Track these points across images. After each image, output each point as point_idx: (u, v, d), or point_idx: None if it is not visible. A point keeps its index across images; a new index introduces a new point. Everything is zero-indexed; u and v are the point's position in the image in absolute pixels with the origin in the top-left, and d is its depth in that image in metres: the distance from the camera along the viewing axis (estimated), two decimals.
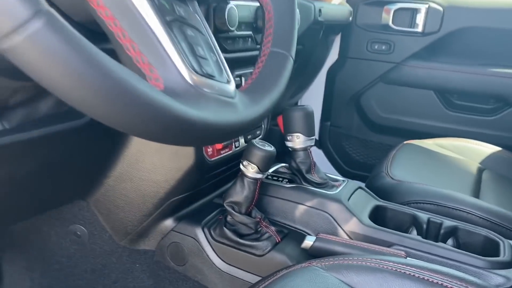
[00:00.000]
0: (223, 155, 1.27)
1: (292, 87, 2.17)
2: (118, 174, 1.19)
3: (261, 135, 1.51)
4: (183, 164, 1.17)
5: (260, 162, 1.14)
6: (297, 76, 2.10)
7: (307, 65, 2.17)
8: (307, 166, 1.32)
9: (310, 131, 1.31)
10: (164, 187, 1.19)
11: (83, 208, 1.28)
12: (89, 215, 1.28)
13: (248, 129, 0.63)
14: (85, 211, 1.28)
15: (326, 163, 2.55)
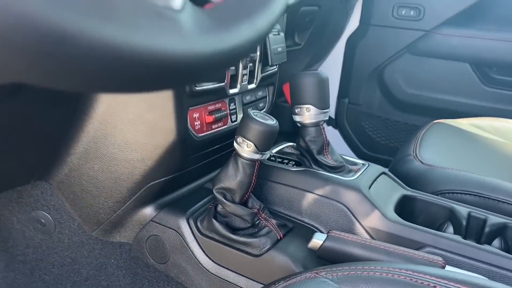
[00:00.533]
0: (215, 130, 1.04)
1: (306, 57, 1.91)
2: (82, 151, 0.96)
3: (265, 109, 1.26)
4: (162, 140, 0.93)
5: (258, 139, 0.90)
6: (312, 45, 1.84)
7: (323, 32, 1.90)
8: (319, 145, 1.07)
9: (324, 103, 1.06)
10: (139, 168, 0.96)
11: (46, 191, 1.06)
12: (54, 199, 1.06)
13: (205, 69, 0.39)
14: (48, 195, 1.06)
15: (343, 144, 2.30)
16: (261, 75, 1.17)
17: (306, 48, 1.82)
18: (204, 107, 1.01)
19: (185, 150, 0.99)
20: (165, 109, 0.91)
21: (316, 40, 1.88)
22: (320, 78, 1.05)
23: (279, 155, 1.14)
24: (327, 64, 2.24)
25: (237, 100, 1.12)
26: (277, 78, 1.31)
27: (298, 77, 1.05)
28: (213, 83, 0.99)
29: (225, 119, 1.07)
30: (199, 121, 1.00)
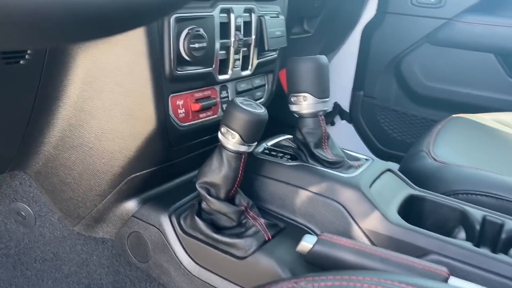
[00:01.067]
0: (203, 120, 0.95)
1: (316, 46, 1.80)
2: (57, 140, 0.89)
3: (262, 99, 1.17)
4: (141, 129, 0.86)
5: (244, 129, 0.81)
6: (323, 33, 1.73)
7: (336, 20, 1.79)
8: (317, 138, 0.97)
9: (323, 91, 0.96)
10: (118, 159, 0.89)
11: (24, 181, 1.00)
12: (32, 191, 1.00)
13: None
14: (27, 186, 1.00)
15: (357, 140, 2.19)
16: (257, 61, 1.08)
17: (317, 37, 1.72)
18: (190, 94, 0.93)
19: (167, 141, 0.91)
20: (143, 95, 0.83)
21: (327, 28, 1.77)
22: (319, 63, 0.96)
23: (274, 147, 1.04)
24: (341, 55, 2.12)
25: (229, 88, 1.03)
26: (278, 65, 1.22)
27: (294, 62, 0.96)
28: (198, 67, 0.90)
29: (214, 107, 0.99)
30: (184, 109, 0.91)
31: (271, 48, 1.06)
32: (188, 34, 0.84)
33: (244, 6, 0.99)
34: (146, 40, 0.79)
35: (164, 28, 0.81)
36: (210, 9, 0.90)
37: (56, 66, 0.80)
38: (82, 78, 0.83)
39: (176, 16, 0.82)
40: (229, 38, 0.97)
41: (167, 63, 0.83)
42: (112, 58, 0.81)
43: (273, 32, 1.06)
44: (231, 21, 0.96)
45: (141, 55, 0.80)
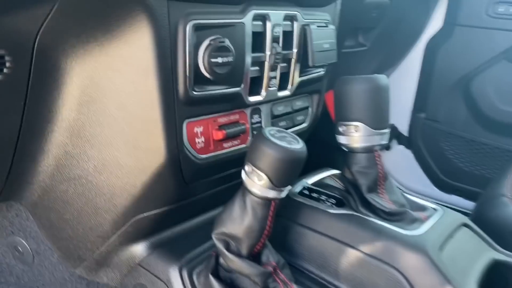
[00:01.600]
0: (227, 150, 0.77)
1: (372, 61, 1.59)
2: (53, 169, 0.75)
3: (304, 124, 0.97)
4: (148, 162, 0.69)
5: (273, 169, 0.62)
6: (381, 47, 1.52)
7: (396, 32, 1.57)
8: (371, 179, 0.77)
9: (380, 120, 0.76)
10: (122, 196, 0.73)
11: (21, 214, 0.86)
12: (29, 225, 0.86)
13: None
14: (24, 219, 0.86)
15: (416, 168, 1.93)
16: (298, 79, 0.88)
17: (373, 51, 1.50)
18: (213, 119, 0.75)
19: (181, 176, 0.73)
20: (150, 121, 0.66)
21: (386, 41, 1.55)
22: (377, 84, 0.75)
23: (316, 187, 0.84)
24: (400, 72, 1.88)
25: (263, 111, 0.85)
26: (325, 84, 1.02)
27: (345, 82, 0.76)
28: (223, 87, 0.72)
29: (243, 135, 0.80)
30: (203, 138, 0.74)
31: (317, 64, 0.86)
32: (209, 46, 0.66)
33: (285, 12, 0.80)
34: (154, 52, 0.62)
35: (178, 37, 0.64)
36: (240, 15, 0.72)
37: (46, 82, 0.65)
38: (77, 98, 0.67)
39: (194, 22, 0.65)
40: (264, 52, 0.78)
41: (181, 81, 0.66)
42: (113, 75, 0.65)
43: (320, 45, 0.86)
44: (267, 30, 0.78)
45: (148, 72, 0.63)
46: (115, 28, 0.61)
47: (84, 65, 0.65)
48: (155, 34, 0.62)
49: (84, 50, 0.63)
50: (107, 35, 0.62)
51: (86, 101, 0.67)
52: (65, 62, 0.64)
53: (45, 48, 0.61)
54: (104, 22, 0.60)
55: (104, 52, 0.63)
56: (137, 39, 0.62)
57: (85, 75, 0.65)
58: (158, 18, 0.61)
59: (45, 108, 0.68)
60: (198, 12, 0.66)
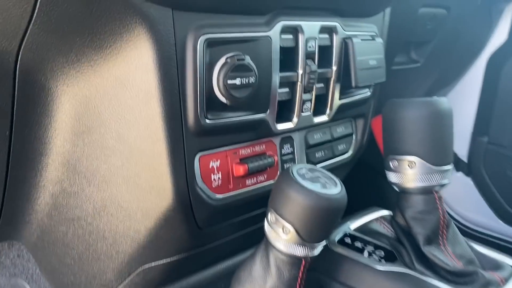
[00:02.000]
0: (250, 188, 0.64)
1: (426, 79, 1.42)
2: (50, 208, 0.66)
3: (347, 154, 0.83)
4: (153, 204, 0.58)
5: (302, 220, 0.49)
6: (436, 63, 1.35)
7: (455, 47, 1.41)
8: (430, 228, 0.62)
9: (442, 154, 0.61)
10: (125, 243, 0.62)
11: (22, 255, 0.77)
12: (31, 267, 0.78)
13: None
14: (25, 260, 0.77)
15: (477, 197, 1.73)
16: (339, 102, 0.75)
17: (428, 68, 1.33)
18: (232, 150, 0.62)
19: (193, 221, 0.61)
20: (153, 156, 0.55)
21: (442, 57, 1.39)
22: (436, 109, 0.61)
23: (360, 235, 0.69)
24: (458, 91, 1.70)
25: (296, 140, 0.71)
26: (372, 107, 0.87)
27: (395, 106, 0.62)
28: (243, 113, 0.60)
29: (271, 170, 0.67)
30: (220, 174, 0.61)
31: (361, 85, 0.72)
32: (225, 65, 0.54)
33: (321, 23, 0.67)
34: (157, 73, 0.51)
35: (187, 55, 0.53)
36: (265, 27, 0.60)
37: (33, 109, 0.55)
38: (71, 127, 0.57)
39: (207, 37, 0.53)
40: (296, 70, 0.65)
41: (190, 108, 0.54)
42: (109, 100, 0.54)
43: (365, 61, 0.72)
44: (300, 45, 0.65)
45: (149, 96, 0.52)
46: (110, 45, 0.51)
47: (76, 89, 0.54)
48: (158, 52, 0.50)
49: (75, 71, 0.53)
50: (100, 53, 0.51)
51: (81, 131, 0.57)
52: (54, 85, 0.54)
53: (29, 69, 0.51)
54: (96, 37, 0.50)
55: (98, 74, 0.53)
56: (136, 57, 0.51)
57: (79, 100, 0.55)
58: (161, 32, 0.50)
59: (35, 139, 0.58)
60: (212, 24, 0.54)
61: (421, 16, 1.12)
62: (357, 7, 0.72)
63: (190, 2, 0.51)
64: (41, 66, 0.52)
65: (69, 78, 0.53)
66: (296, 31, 0.64)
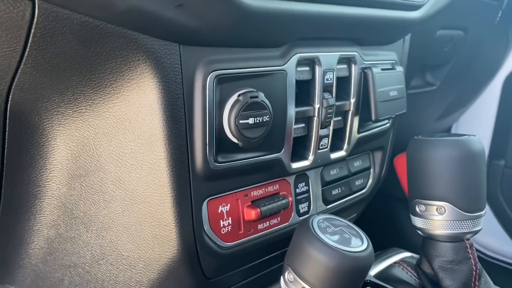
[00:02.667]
0: (262, 233, 0.58)
1: (441, 103, 1.37)
2: (45, 253, 0.60)
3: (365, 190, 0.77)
4: (155, 254, 0.52)
5: (325, 282, 0.43)
6: (451, 86, 1.30)
7: (471, 68, 1.35)
8: (461, 279, 0.57)
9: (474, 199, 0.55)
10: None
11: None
12: None
13: None
14: None
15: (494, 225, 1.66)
16: (357, 135, 0.69)
17: (443, 91, 1.28)
18: (243, 192, 0.57)
19: (200, 271, 0.55)
20: (156, 202, 0.50)
21: (458, 79, 1.33)
22: (468, 150, 0.55)
23: (382, 283, 0.63)
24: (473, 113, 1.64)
25: (312, 178, 0.66)
26: (391, 138, 0.82)
27: (422, 146, 0.56)
28: (256, 153, 0.54)
29: (285, 212, 0.62)
30: (230, 219, 0.56)
31: (381, 118, 0.67)
32: (237, 103, 0.49)
33: (340, 53, 0.62)
34: (162, 114, 0.46)
35: (195, 93, 0.48)
36: (280, 60, 0.55)
37: (26, 151, 0.51)
38: (67, 170, 0.52)
39: (218, 73, 0.48)
40: (312, 105, 0.60)
41: (198, 150, 0.49)
42: (109, 142, 0.49)
43: (386, 93, 0.67)
44: (316, 78, 0.60)
45: (153, 139, 0.47)
46: (110, 83, 0.46)
47: (73, 129, 0.49)
48: (163, 91, 0.46)
49: (72, 110, 0.48)
50: (99, 92, 0.46)
51: (78, 174, 0.52)
52: (49, 125, 0.49)
53: (21, 109, 0.46)
54: (95, 75, 0.45)
55: (97, 114, 0.48)
56: (139, 97, 0.46)
57: (75, 142, 0.50)
58: (167, 69, 0.45)
59: (29, 182, 0.53)
60: (223, 59, 0.49)
61: (439, 38, 1.07)
62: (378, 35, 0.67)
63: (199, 36, 0.46)
64: (35, 106, 0.47)
65: (65, 118, 0.49)
66: (313, 62, 0.59)
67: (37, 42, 0.39)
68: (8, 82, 0.43)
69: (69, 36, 0.40)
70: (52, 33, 0.39)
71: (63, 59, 0.42)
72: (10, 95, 0.45)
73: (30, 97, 0.46)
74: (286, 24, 0.52)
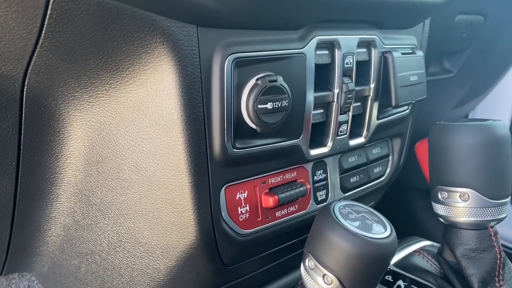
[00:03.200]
0: (280, 220, 0.58)
1: (459, 90, 1.34)
2: (62, 240, 0.60)
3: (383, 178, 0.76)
4: (173, 241, 0.52)
5: (349, 270, 0.42)
6: (471, 73, 1.27)
7: (490, 55, 1.31)
8: (485, 268, 0.55)
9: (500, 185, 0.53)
10: (143, 280, 0.57)
11: (33, 285, 0.72)
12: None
13: None
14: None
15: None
16: (376, 122, 0.68)
17: (461, 78, 1.25)
18: (261, 179, 0.56)
19: (218, 259, 0.55)
20: (175, 189, 0.49)
21: (477, 66, 1.30)
22: (494, 135, 0.53)
23: (401, 271, 0.62)
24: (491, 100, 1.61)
25: (330, 165, 0.65)
26: (410, 125, 0.80)
27: (445, 131, 0.55)
28: (274, 139, 0.53)
29: (303, 199, 0.61)
30: (248, 206, 0.55)
31: (401, 103, 0.65)
32: (255, 87, 0.48)
33: (360, 36, 0.60)
34: (179, 98, 0.45)
35: (213, 77, 0.47)
36: (299, 43, 0.54)
37: (43, 137, 0.50)
38: (84, 156, 0.51)
39: (236, 56, 0.47)
40: (332, 90, 0.59)
41: (216, 136, 0.48)
42: (126, 127, 0.48)
43: (406, 78, 0.66)
44: (336, 61, 0.58)
45: (171, 124, 0.46)
46: (127, 67, 0.45)
47: (89, 115, 0.49)
48: (181, 74, 0.45)
49: (89, 95, 0.47)
50: (116, 76, 0.45)
51: (95, 160, 0.51)
52: (66, 110, 0.48)
53: (37, 94, 0.46)
54: (111, 59, 0.44)
55: (113, 98, 0.47)
56: (156, 81, 0.45)
57: (92, 127, 0.49)
58: (185, 52, 0.44)
59: (45, 168, 0.53)
60: (241, 42, 0.48)
61: (457, 24, 1.04)
62: (398, 19, 0.65)
63: (217, 17, 0.45)
64: (51, 90, 0.46)
65: (81, 103, 0.48)
66: (333, 46, 0.58)
67: (53, 23, 0.38)
68: (24, 65, 0.42)
69: (86, 18, 0.39)
70: (68, 14, 0.38)
71: (80, 42, 0.41)
72: (26, 79, 0.44)
73: (46, 81, 0.45)
74: (305, 5, 0.50)
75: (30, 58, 0.42)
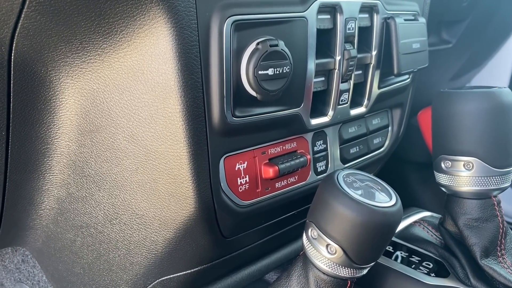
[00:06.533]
0: (280, 191, 0.56)
1: (456, 61, 1.32)
2: (56, 213, 0.58)
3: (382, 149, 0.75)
4: (172, 212, 0.50)
5: (354, 239, 0.41)
6: (469, 44, 1.26)
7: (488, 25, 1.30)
8: (487, 237, 0.55)
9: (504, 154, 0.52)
10: (140, 254, 0.55)
11: (27, 260, 0.71)
12: (37, 274, 0.71)
13: None
14: (30, 266, 0.71)
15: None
16: (378, 91, 0.66)
17: (459, 48, 1.24)
18: (260, 149, 0.54)
19: (218, 230, 0.53)
20: (172, 158, 0.47)
21: (475, 37, 1.28)
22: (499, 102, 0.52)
23: (402, 241, 0.61)
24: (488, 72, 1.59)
25: (329, 135, 0.63)
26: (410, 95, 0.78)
27: (449, 99, 0.53)
28: (275, 108, 0.52)
29: (303, 170, 0.59)
30: (248, 177, 0.53)
31: (404, 71, 0.63)
32: (256, 52, 0.46)
33: (362, 1, 0.58)
34: (176, 63, 0.43)
35: (212, 40, 0.44)
36: (300, 6, 0.51)
37: (33, 106, 0.48)
38: (77, 126, 0.49)
39: (235, 19, 0.45)
40: (333, 56, 0.57)
41: (215, 104, 0.46)
42: (121, 95, 0.46)
43: (409, 45, 0.64)
44: (338, 27, 0.56)
45: (168, 91, 0.44)
46: (120, 30, 0.42)
47: (82, 81, 0.46)
48: (178, 38, 0.42)
49: (81, 60, 0.45)
50: (109, 40, 0.43)
51: (88, 129, 0.49)
52: (57, 77, 0.46)
53: (26, 59, 0.43)
54: (104, 21, 0.41)
55: (107, 64, 0.45)
56: (151, 45, 0.43)
57: (85, 95, 0.47)
58: (182, 13, 0.42)
59: (36, 139, 0.51)
60: (240, 3, 0.45)
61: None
62: None
63: None
64: (41, 55, 0.44)
65: (73, 69, 0.46)
66: (335, 10, 0.55)
67: None
68: (11, 27, 0.40)
69: None
70: None
71: (70, 2, 0.39)
72: (14, 43, 0.42)
73: (35, 45, 0.42)
74: None
75: (17, 20, 0.39)
